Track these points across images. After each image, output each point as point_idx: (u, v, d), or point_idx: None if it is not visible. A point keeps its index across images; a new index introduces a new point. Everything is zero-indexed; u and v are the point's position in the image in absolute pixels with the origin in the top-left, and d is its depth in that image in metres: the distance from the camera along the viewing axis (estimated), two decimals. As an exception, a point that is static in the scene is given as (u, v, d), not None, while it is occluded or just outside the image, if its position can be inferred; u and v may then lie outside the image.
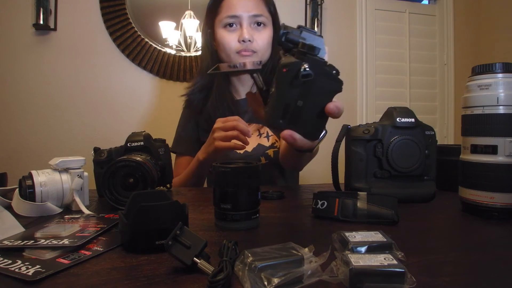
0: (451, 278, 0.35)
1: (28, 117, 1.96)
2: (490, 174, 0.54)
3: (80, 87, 2.01)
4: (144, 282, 0.33)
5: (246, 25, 1.00)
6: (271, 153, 1.01)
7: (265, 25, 1.02)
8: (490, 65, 0.55)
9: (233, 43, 1.00)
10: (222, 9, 1.02)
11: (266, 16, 1.02)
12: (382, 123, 0.68)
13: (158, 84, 2.11)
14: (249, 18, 1.00)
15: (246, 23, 1.00)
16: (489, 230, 0.52)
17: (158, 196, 0.48)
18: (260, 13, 1.00)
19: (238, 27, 1.01)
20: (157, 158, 0.76)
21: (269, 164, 1.00)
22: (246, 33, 0.98)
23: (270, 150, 1.01)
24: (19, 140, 1.95)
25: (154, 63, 2.07)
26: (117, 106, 2.06)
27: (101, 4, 1.99)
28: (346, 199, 0.55)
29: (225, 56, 1.03)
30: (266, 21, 1.02)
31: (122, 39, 2.02)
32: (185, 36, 2.08)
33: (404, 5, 2.48)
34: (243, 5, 1.00)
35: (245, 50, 0.99)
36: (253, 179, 0.51)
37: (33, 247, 0.42)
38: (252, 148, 1.02)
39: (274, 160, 1.00)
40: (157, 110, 2.11)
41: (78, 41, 1.99)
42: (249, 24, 1.00)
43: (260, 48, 1.01)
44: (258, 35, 1.01)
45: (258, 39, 1.01)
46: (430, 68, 2.54)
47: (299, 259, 0.34)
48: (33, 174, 0.61)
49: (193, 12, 2.07)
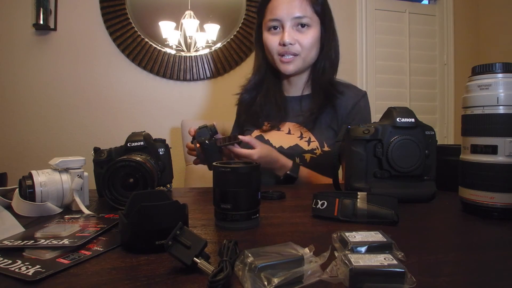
0: (451, 278, 0.35)
1: (28, 117, 1.96)
2: (490, 174, 0.54)
3: (80, 87, 2.01)
4: (144, 282, 0.33)
5: (288, 27, 1.00)
6: (308, 157, 1.00)
7: (310, 26, 1.01)
8: (490, 65, 0.55)
9: (275, 46, 1.03)
10: (267, 12, 1.04)
11: (310, 16, 1.01)
12: (382, 123, 0.68)
13: (158, 84, 2.11)
14: (291, 20, 1.00)
15: (288, 26, 1.00)
16: (489, 230, 0.52)
17: (158, 196, 0.48)
18: (302, 15, 0.99)
19: (281, 29, 1.02)
20: (157, 158, 0.76)
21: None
22: (286, 36, 0.99)
23: (308, 155, 1.00)
24: (19, 140, 1.95)
25: (154, 63, 2.07)
26: (117, 106, 2.06)
27: (101, 4, 1.99)
28: (346, 199, 0.55)
29: (270, 58, 1.07)
30: (310, 21, 1.01)
31: (122, 39, 2.02)
32: (185, 36, 2.08)
33: (404, 5, 2.48)
34: (285, 8, 1.00)
35: (286, 53, 1.02)
36: (253, 179, 0.51)
37: (33, 247, 0.42)
38: (289, 146, 1.01)
39: (309, 166, 0.99)
40: (157, 110, 2.11)
41: (78, 41, 1.99)
42: (291, 26, 1.01)
43: (303, 50, 1.01)
44: (300, 37, 1.01)
45: (301, 40, 1.01)
46: (430, 68, 2.55)
47: (299, 259, 0.34)
48: (33, 174, 0.61)
49: (193, 12, 2.07)
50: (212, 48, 2.15)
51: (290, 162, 0.96)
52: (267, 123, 1.08)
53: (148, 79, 2.10)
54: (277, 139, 1.04)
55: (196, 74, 2.13)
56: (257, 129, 1.10)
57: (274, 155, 0.95)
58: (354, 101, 1.04)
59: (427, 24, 2.53)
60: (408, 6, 2.49)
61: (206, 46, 2.13)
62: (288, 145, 1.02)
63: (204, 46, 2.12)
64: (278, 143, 1.03)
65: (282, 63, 1.03)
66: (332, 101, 1.03)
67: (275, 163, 0.95)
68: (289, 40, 0.99)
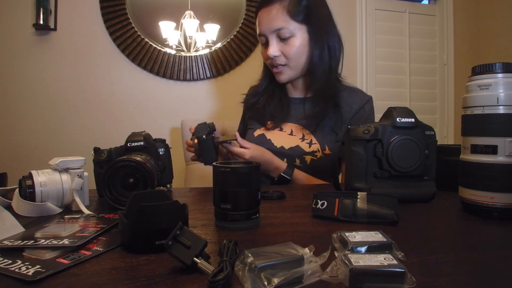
0: (451, 278, 0.35)
1: (28, 117, 1.96)
2: (490, 174, 0.54)
3: (80, 87, 2.01)
4: (144, 282, 0.33)
5: (272, 40, 1.02)
6: (308, 159, 1.00)
7: (293, 36, 1.00)
8: (490, 65, 0.55)
9: (266, 59, 1.06)
10: (257, 27, 1.06)
11: (292, 27, 0.99)
12: (382, 123, 0.68)
13: (158, 84, 2.11)
14: (271, 33, 1.01)
15: (271, 39, 1.01)
16: (489, 230, 0.52)
17: (158, 196, 0.49)
18: (282, 26, 0.99)
19: (268, 43, 1.03)
20: (157, 158, 0.76)
21: (303, 169, 1.00)
22: (270, 50, 1.01)
23: (308, 157, 1.00)
24: (19, 140, 1.95)
25: (154, 63, 2.07)
26: (117, 106, 2.06)
27: (101, 4, 1.99)
28: (346, 199, 0.55)
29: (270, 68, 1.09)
30: (292, 31, 1.00)
31: (122, 39, 2.02)
32: (185, 36, 2.08)
33: (404, 5, 2.48)
34: (265, 22, 1.01)
35: (273, 65, 1.04)
36: (253, 179, 0.51)
37: (33, 247, 0.42)
38: (290, 146, 1.02)
39: (309, 167, 1.00)
40: (157, 110, 2.11)
41: (78, 41, 1.99)
42: (275, 38, 1.01)
43: (289, 60, 1.02)
44: (285, 48, 1.01)
45: (285, 51, 1.01)
46: (430, 68, 2.55)
47: (299, 259, 0.34)
48: (33, 174, 0.61)
49: (193, 12, 2.07)
50: (212, 48, 2.15)
51: (285, 165, 0.98)
52: (270, 122, 1.09)
53: (148, 79, 2.10)
54: (279, 139, 1.05)
55: (196, 74, 2.13)
56: (261, 126, 1.11)
57: (268, 157, 0.97)
58: (359, 105, 1.05)
59: (427, 24, 2.53)
60: (408, 6, 2.49)
61: (206, 46, 2.13)
62: (289, 146, 1.02)
63: (204, 46, 2.12)
64: (280, 143, 1.03)
65: (275, 74, 1.06)
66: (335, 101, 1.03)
67: (269, 165, 0.96)
68: (273, 53, 1.01)
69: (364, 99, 1.07)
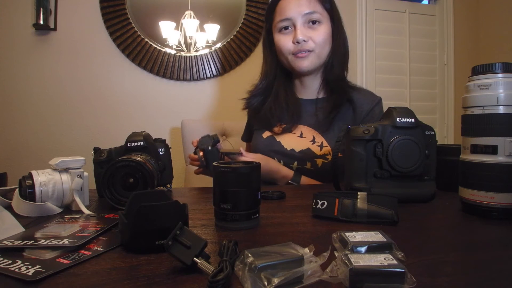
0: (451, 278, 0.35)
1: (28, 117, 1.96)
2: (490, 174, 0.54)
3: (80, 87, 2.01)
4: (144, 282, 0.33)
5: (300, 25, 1.00)
6: (319, 162, 0.99)
7: (321, 22, 1.01)
8: (490, 65, 0.55)
9: (289, 45, 1.02)
10: (276, 14, 1.04)
11: (320, 12, 1.01)
12: (382, 123, 0.68)
13: (158, 84, 2.11)
14: (302, 17, 1.00)
15: (299, 24, 1.00)
16: (489, 230, 0.52)
17: (158, 196, 0.48)
18: (312, 10, 0.99)
19: (292, 28, 1.01)
20: (157, 158, 0.76)
21: (314, 171, 0.99)
22: (299, 34, 0.99)
23: (320, 160, 0.99)
24: (19, 140, 1.95)
25: (154, 63, 2.07)
26: (117, 106, 2.06)
27: (101, 4, 1.99)
28: (346, 199, 0.55)
29: (283, 59, 1.06)
30: (320, 17, 1.01)
31: (122, 39, 2.02)
32: (185, 36, 2.08)
33: (404, 5, 2.48)
34: (294, 6, 1.00)
35: (300, 51, 1.01)
36: (253, 179, 0.51)
37: (33, 247, 0.42)
38: (300, 149, 1.01)
39: (320, 170, 0.99)
40: (157, 110, 2.11)
41: (78, 41, 1.99)
42: (302, 24, 1.00)
43: (317, 46, 1.01)
44: (313, 33, 1.00)
45: (314, 37, 1.00)
46: (430, 68, 2.55)
47: (299, 259, 0.34)
48: (33, 174, 0.61)
49: (193, 12, 2.07)
50: (212, 48, 2.14)
51: (292, 173, 0.97)
52: (280, 125, 1.06)
53: (148, 79, 2.09)
54: (289, 141, 1.03)
55: (196, 74, 2.13)
56: (268, 130, 1.09)
57: (274, 166, 0.96)
58: (369, 106, 1.04)
59: (427, 24, 2.53)
60: (408, 6, 2.49)
61: (206, 46, 2.13)
62: (300, 149, 1.01)
63: (204, 46, 2.12)
64: (290, 145, 1.02)
65: (297, 59, 1.02)
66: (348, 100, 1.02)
67: (276, 173, 0.96)
68: (302, 37, 0.99)
69: (374, 100, 1.06)
